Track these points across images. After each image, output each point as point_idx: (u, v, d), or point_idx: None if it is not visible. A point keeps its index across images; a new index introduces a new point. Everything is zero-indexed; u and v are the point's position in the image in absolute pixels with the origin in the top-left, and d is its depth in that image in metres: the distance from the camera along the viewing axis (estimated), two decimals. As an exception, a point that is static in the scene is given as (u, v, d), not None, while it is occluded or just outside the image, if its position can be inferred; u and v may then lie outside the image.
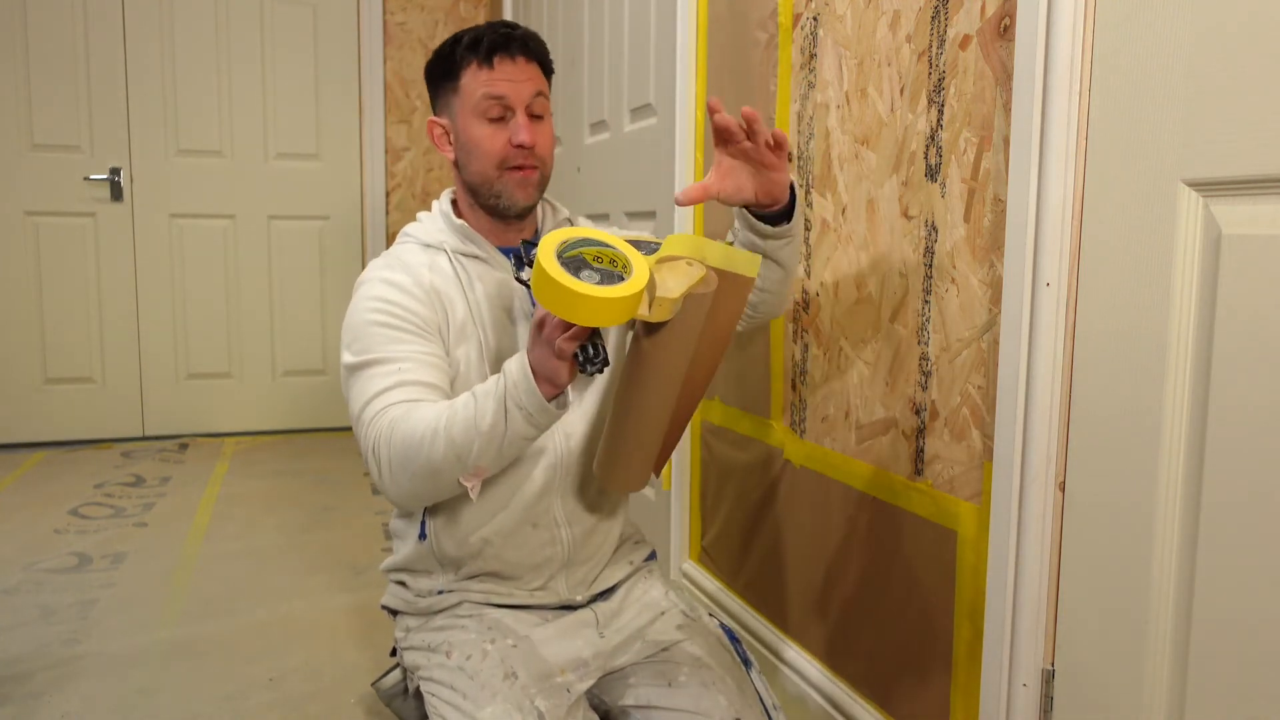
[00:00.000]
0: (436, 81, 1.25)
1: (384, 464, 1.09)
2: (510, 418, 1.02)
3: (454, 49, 1.22)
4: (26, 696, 1.60)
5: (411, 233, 1.28)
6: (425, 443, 1.05)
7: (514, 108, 1.20)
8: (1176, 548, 0.90)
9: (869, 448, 1.34)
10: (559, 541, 1.25)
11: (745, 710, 1.21)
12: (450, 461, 1.05)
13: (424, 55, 3.72)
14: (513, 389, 1.02)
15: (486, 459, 1.05)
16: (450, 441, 1.04)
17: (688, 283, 0.96)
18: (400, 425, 1.08)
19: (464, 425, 1.04)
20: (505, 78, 1.19)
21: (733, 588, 1.79)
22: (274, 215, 3.62)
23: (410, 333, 1.17)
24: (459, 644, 1.21)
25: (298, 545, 2.41)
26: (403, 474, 1.08)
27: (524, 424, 1.03)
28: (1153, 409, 0.91)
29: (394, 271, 1.21)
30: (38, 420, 3.41)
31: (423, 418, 1.07)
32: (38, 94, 3.29)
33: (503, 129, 1.20)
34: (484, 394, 1.05)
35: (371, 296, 1.19)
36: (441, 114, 1.26)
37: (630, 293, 0.92)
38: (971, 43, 1.11)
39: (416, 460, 1.06)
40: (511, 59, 1.19)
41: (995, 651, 1.08)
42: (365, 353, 1.15)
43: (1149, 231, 0.90)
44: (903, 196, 1.24)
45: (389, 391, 1.12)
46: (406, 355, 1.15)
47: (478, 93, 1.19)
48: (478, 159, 1.21)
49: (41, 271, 3.37)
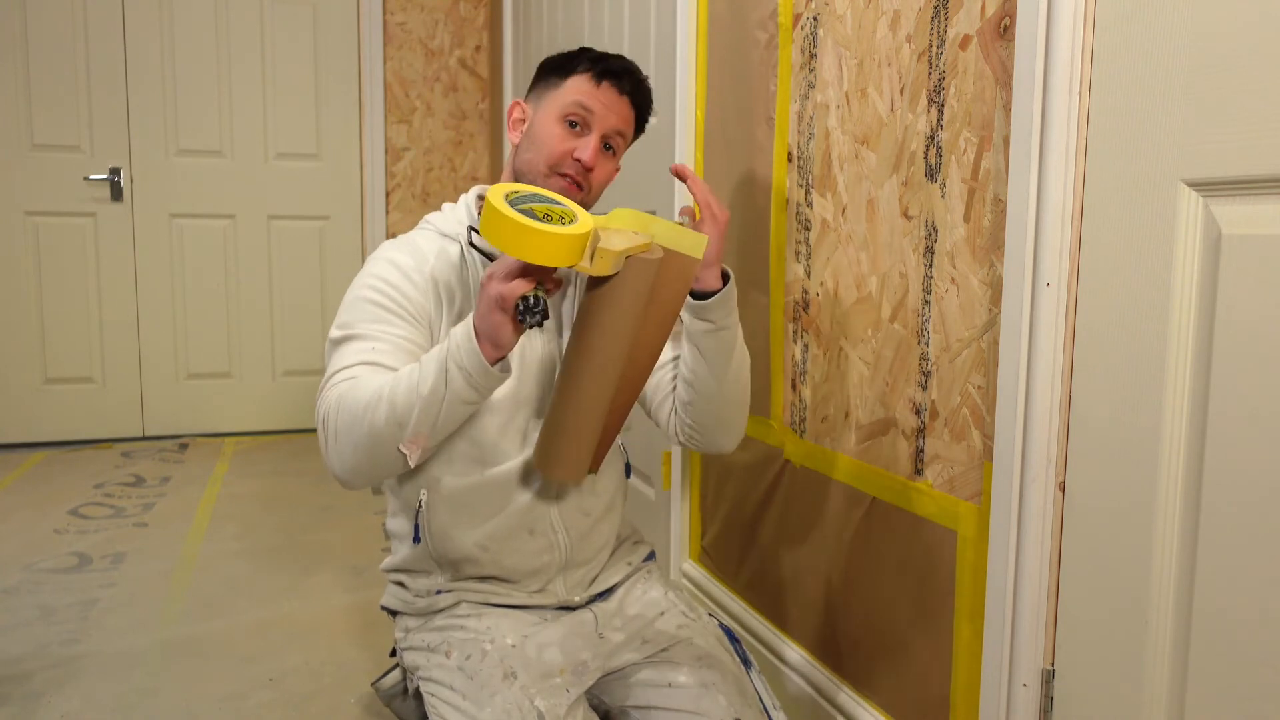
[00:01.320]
0: (546, 73, 1.28)
1: (330, 434, 1.10)
2: (450, 379, 1.03)
3: (580, 55, 1.26)
4: (26, 696, 1.60)
5: (432, 221, 1.29)
6: (369, 410, 1.06)
7: (593, 126, 1.22)
8: (1176, 548, 0.90)
9: (869, 448, 1.34)
10: (557, 547, 1.25)
11: (745, 710, 1.21)
12: (391, 428, 1.06)
13: (424, 55, 3.72)
14: (454, 350, 1.03)
15: (425, 424, 1.06)
16: (392, 406, 1.05)
17: (631, 244, 1.00)
18: (348, 396, 1.09)
19: (406, 390, 1.05)
20: (603, 99, 1.22)
21: (733, 588, 1.79)
22: (274, 215, 3.62)
23: (396, 315, 1.17)
24: (459, 644, 1.21)
25: (298, 545, 2.40)
26: (346, 444, 1.09)
27: (464, 385, 1.04)
28: (1153, 409, 0.91)
29: (402, 254, 1.22)
30: (38, 420, 3.42)
31: (368, 386, 1.08)
32: (38, 94, 3.29)
33: (573, 138, 1.21)
34: (428, 359, 1.06)
35: (371, 273, 1.20)
36: (530, 101, 1.28)
37: (574, 233, 0.96)
38: (971, 43, 1.10)
39: (359, 428, 1.07)
40: (619, 90, 1.23)
41: (995, 651, 1.08)
42: (347, 327, 1.16)
43: (1149, 231, 0.90)
44: (903, 196, 1.24)
45: (352, 368, 1.13)
46: (383, 336, 1.15)
47: (572, 97, 1.22)
48: (536, 150, 1.22)
49: (41, 271, 3.37)
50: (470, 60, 3.79)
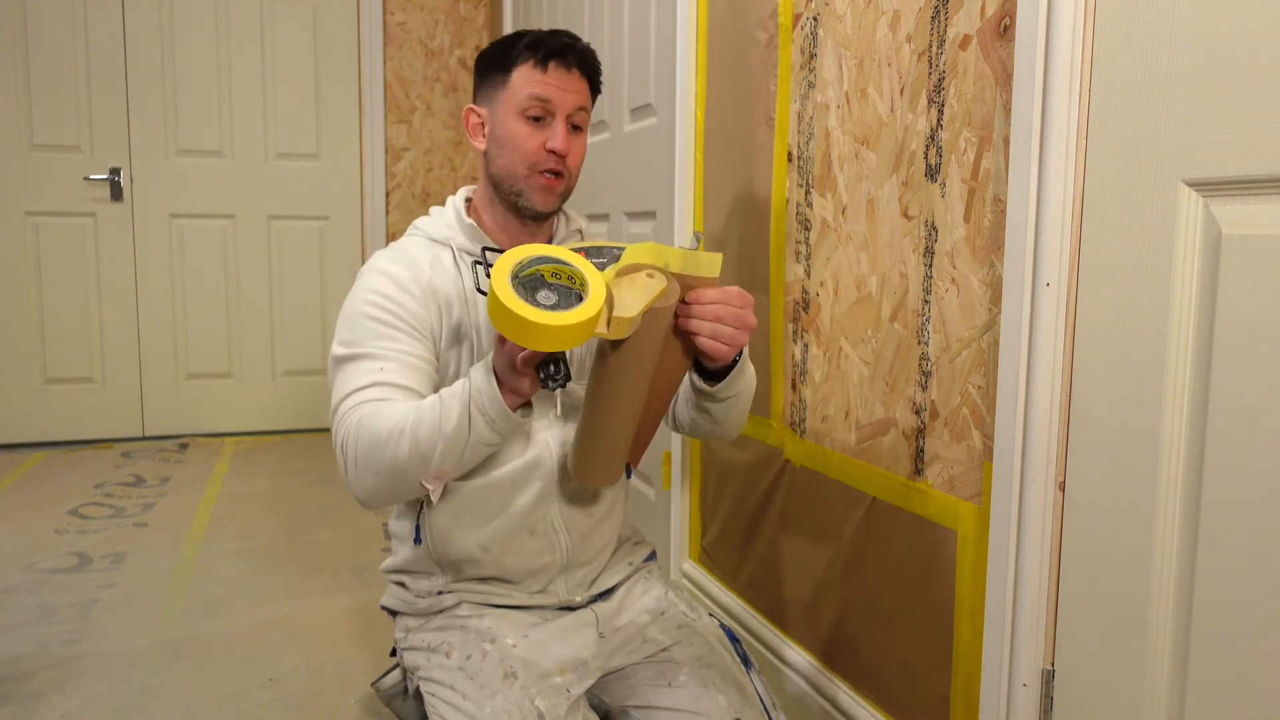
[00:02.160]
0: (487, 71, 1.25)
1: (350, 460, 1.10)
2: (474, 423, 1.03)
3: (514, 44, 1.22)
4: (26, 696, 1.60)
5: (421, 226, 1.28)
6: (391, 442, 1.06)
7: (556, 113, 1.20)
8: (1176, 547, 0.90)
9: (869, 448, 1.34)
10: (557, 547, 1.25)
11: (745, 710, 1.21)
12: (414, 462, 1.06)
13: (424, 55, 3.72)
14: (476, 395, 1.02)
15: (449, 462, 1.06)
16: (415, 442, 1.05)
17: (647, 298, 0.96)
18: (368, 422, 1.08)
19: (429, 427, 1.05)
20: (555, 83, 1.20)
21: (733, 588, 1.79)
22: (274, 215, 3.62)
23: (400, 330, 1.16)
24: (459, 644, 1.21)
25: (298, 545, 2.40)
26: (367, 471, 1.09)
27: (487, 430, 1.03)
28: (1153, 409, 0.91)
29: (395, 264, 1.21)
30: (38, 420, 3.41)
31: (390, 416, 1.08)
32: (38, 94, 3.29)
33: (540, 131, 1.20)
34: (450, 397, 1.05)
35: (369, 288, 1.19)
36: (482, 104, 1.26)
37: (586, 317, 0.91)
38: (971, 43, 1.10)
39: (381, 459, 1.07)
40: (566, 68, 1.20)
41: (995, 651, 1.08)
42: (352, 345, 1.16)
43: (1149, 231, 0.90)
44: (903, 196, 1.24)
45: (366, 389, 1.12)
46: (391, 354, 1.15)
47: (525, 91, 1.19)
48: (509, 154, 1.21)
49: (41, 271, 3.37)
50: (470, 60, 3.79)
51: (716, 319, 1.02)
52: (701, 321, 1.02)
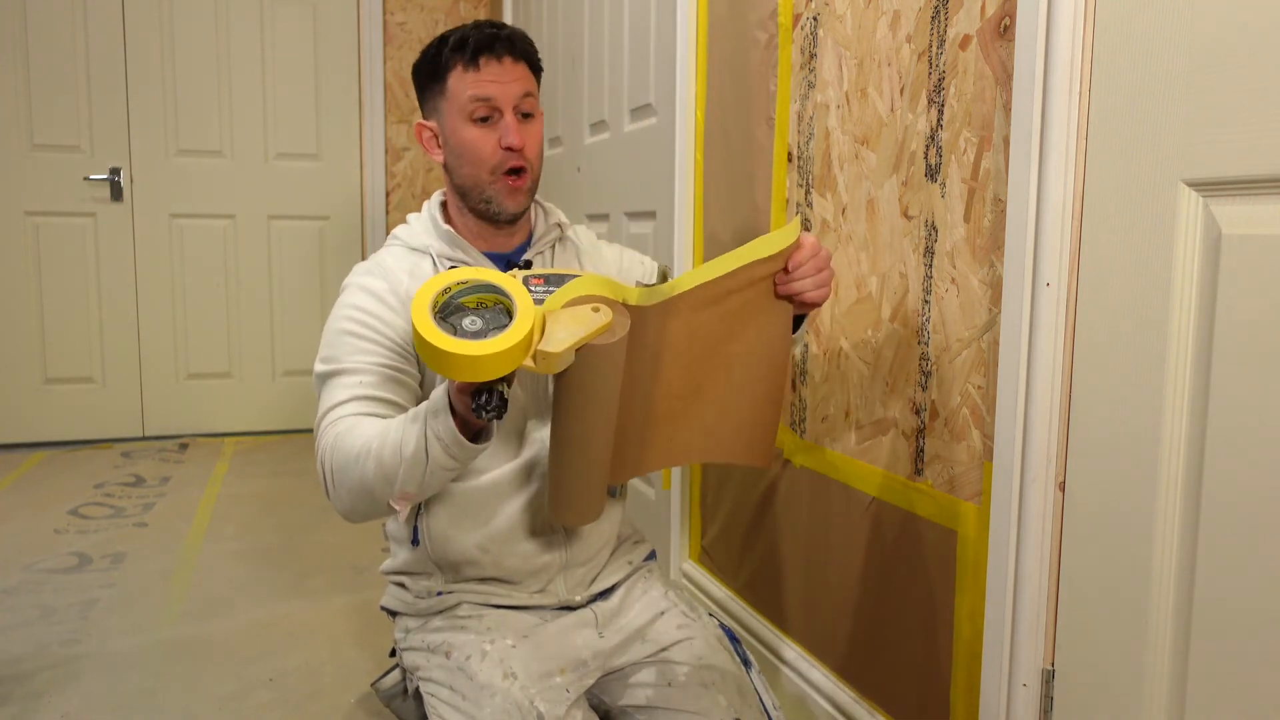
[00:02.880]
0: (424, 84, 1.24)
1: (327, 476, 1.11)
2: (430, 449, 1.02)
3: (440, 50, 1.20)
4: (26, 696, 1.60)
5: (399, 235, 1.27)
6: (359, 462, 1.06)
7: (502, 109, 1.18)
8: (1176, 547, 0.90)
9: (869, 448, 1.34)
10: (556, 547, 1.25)
11: (744, 710, 1.21)
12: (380, 483, 1.05)
13: (424, 55, 3.72)
14: (432, 421, 1.01)
15: (412, 485, 1.05)
16: (379, 463, 1.05)
17: (583, 332, 0.89)
18: (342, 440, 1.09)
19: (391, 450, 1.04)
20: (492, 79, 1.17)
21: (733, 588, 1.79)
22: (274, 215, 3.62)
23: (377, 344, 1.16)
24: (458, 644, 1.21)
25: (298, 545, 2.40)
26: (343, 489, 1.10)
27: (443, 456, 1.02)
28: (1153, 409, 0.91)
29: (373, 278, 1.20)
30: (38, 420, 3.41)
31: (360, 435, 1.07)
32: (38, 94, 3.29)
33: (492, 131, 1.18)
34: (412, 420, 1.04)
35: (347, 304, 1.18)
36: (430, 117, 1.24)
37: (501, 349, 0.86)
38: (971, 43, 1.10)
39: (351, 477, 1.07)
40: (498, 60, 1.18)
41: (995, 651, 1.08)
42: (331, 361, 1.16)
43: (1149, 231, 0.90)
44: (903, 196, 1.24)
45: (344, 405, 1.12)
46: (369, 367, 1.14)
47: (465, 94, 1.17)
48: (468, 162, 1.20)
49: (41, 271, 3.37)
50: (470, 60, 3.79)
51: (817, 271, 1.07)
52: (804, 279, 1.06)
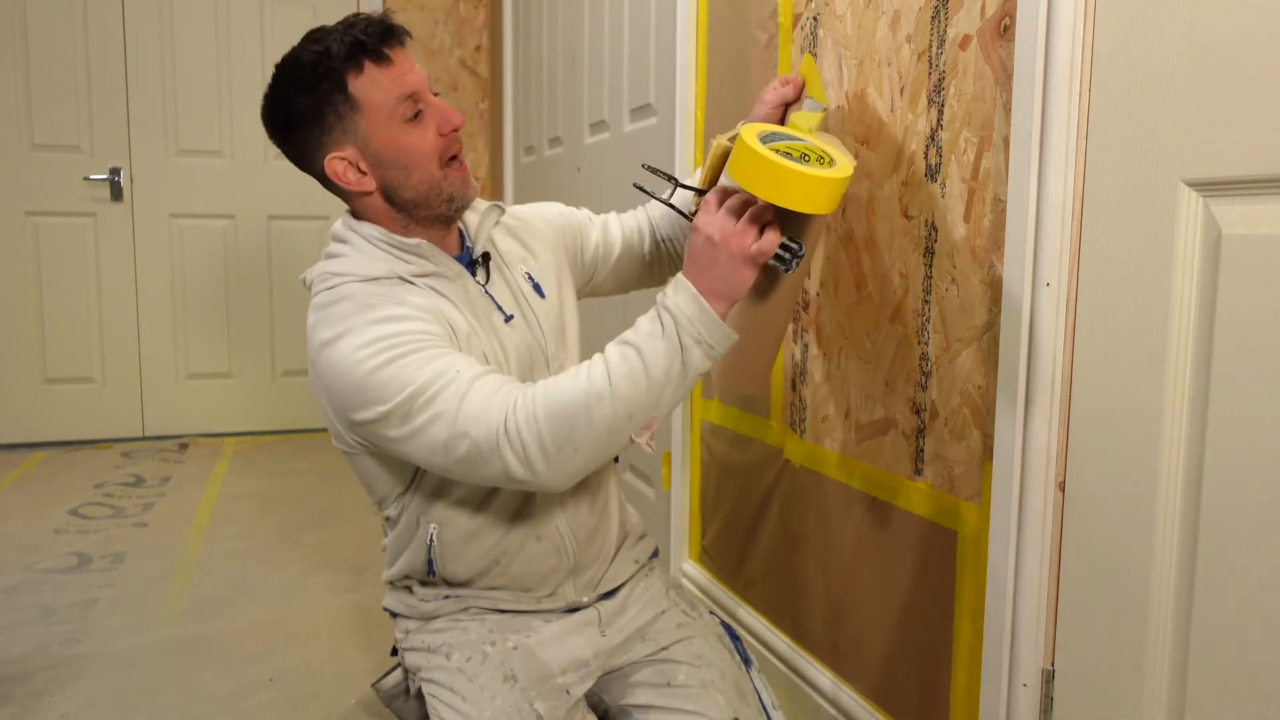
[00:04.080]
0: (317, 115, 1.07)
1: (532, 449, 0.98)
2: (688, 356, 0.95)
3: (326, 64, 1.05)
4: (26, 696, 1.60)
5: (343, 271, 1.11)
6: (587, 409, 0.96)
7: (421, 95, 1.09)
8: (1176, 547, 0.90)
9: (869, 448, 1.34)
10: (564, 550, 1.24)
11: (743, 710, 1.21)
12: (620, 421, 0.97)
13: (424, 55, 3.71)
14: (687, 324, 0.95)
15: (664, 407, 0.98)
16: (618, 400, 0.95)
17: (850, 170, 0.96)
18: (541, 403, 0.98)
19: (630, 379, 0.96)
20: (406, 69, 1.08)
21: (733, 588, 1.79)
22: (274, 215, 3.62)
23: (438, 349, 1.04)
24: (459, 645, 1.21)
25: (298, 545, 2.40)
26: (569, 449, 0.98)
27: (703, 358, 0.96)
28: (1153, 409, 0.91)
29: (373, 310, 1.05)
30: (38, 420, 3.41)
31: (567, 388, 0.98)
32: (38, 94, 3.29)
33: (423, 124, 1.09)
34: (646, 339, 0.97)
35: (366, 343, 1.03)
36: (340, 147, 1.08)
37: (847, 174, 0.91)
38: (971, 43, 1.10)
39: (576, 432, 0.97)
40: (402, 44, 1.08)
41: (995, 651, 1.08)
42: (405, 387, 1.00)
43: (1149, 231, 0.90)
44: (903, 196, 1.24)
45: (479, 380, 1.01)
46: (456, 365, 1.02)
47: (390, 97, 1.06)
48: (418, 168, 1.09)
49: (41, 271, 3.37)
50: (470, 60, 3.79)
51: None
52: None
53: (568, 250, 1.35)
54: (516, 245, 1.28)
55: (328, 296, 1.09)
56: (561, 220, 1.37)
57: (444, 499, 1.19)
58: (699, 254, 0.97)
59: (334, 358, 1.05)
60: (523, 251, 1.28)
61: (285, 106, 1.09)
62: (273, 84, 1.10)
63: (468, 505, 1.19)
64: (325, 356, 1.06)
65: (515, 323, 1.20)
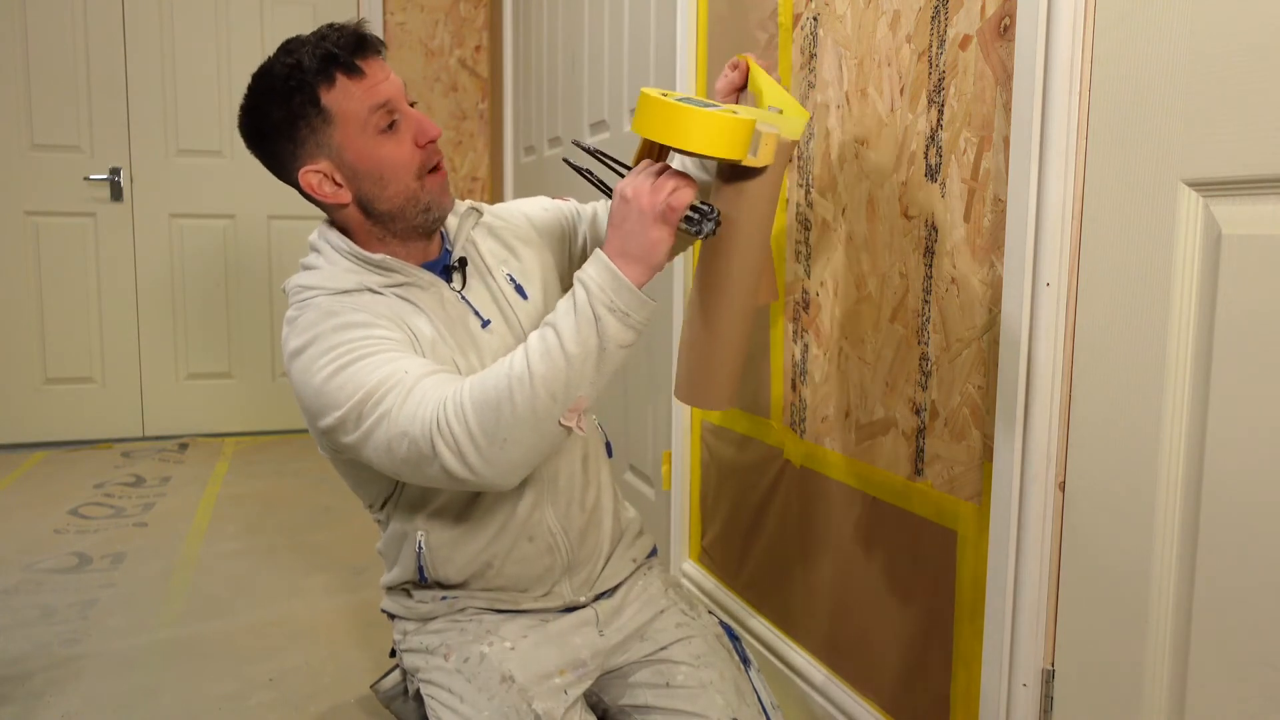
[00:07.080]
0: (290, 128, 1.06)
1: (464, 441, 0.96)
2: (603, 327, 0.93)
3: (299, 78, 1.04)
4: (26, 696, 1.60)
5: (314, 284, 1.10)
6: (510, 395, 0.94)
7: (398, 107, 1.07)
8: (1176, 547, 0.90)
9: (869, 448, 1.34)
10: (557, 549, 1.24)
11: (742, 710, 1.21)
12: (545, 404, 0.93)
13: (424, 55, 3.71)
14: (598, 293, 0.93)
15: (584, 385, 0.94)
16: (538, 381, 0.93)
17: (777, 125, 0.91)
18: (468, 394, 0.96)
19: (547, 359, 0.93)
20: (379, 79, 1.06)
21: (733, 588, 1.79)
22: (274, 215, 3.62)
23: (393, 353, 1.04)
24: (457, 646, 1.21)
25: (298, 545, 2.40)
26: (499, 440, 0.95)
27: (620, 328, 0.93)
28: (1153, 409, 0.91)
29: (335, 318, 1.05)
30: (38, 420, 3.41)
31: (492, 375, 0.96)
32: (38, 94, 3.29)
33: (398, 135, 1.08)
34: (560, 316, 0.95)
35: (324, 350, 1.03)
36: (314, 160, 1.08)
37: (748, 118, 0.87)
38: (971, 43, 1.10)
39: (503, 420, 0.94)
40: (377, 54, 1.07)
41: (995, 651, 1.08)
42: (356, 391, 1.00)
43: (1149, 231, 0.90)
44: (903, 196, 1.24)
45: (425, 379, 1.00)
46: (406, 366, 1.02)
47: (362, 109, 1.05)
48: (395, 179, 1.08)
49: (41, 271, 3.37)
50: (470, 60, 3.79)
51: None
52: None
53: (554, 245, 1.33)
54: (498, 246, 1.26)
55: (297, 310, 1.10)
56: (546, 215, 1.34)
57: (427, 505, 1.19)
58: (614, 214, 0.95)
59: (299, 367, 1.06)
60: (504, 252, 1.26)
61: (259, 118, 1.09)
62: (247, 95, 1.10)
63: (450, 509, 1.19)
64: (293, 367, 1.07)
65: (494, 327, 1.18)
